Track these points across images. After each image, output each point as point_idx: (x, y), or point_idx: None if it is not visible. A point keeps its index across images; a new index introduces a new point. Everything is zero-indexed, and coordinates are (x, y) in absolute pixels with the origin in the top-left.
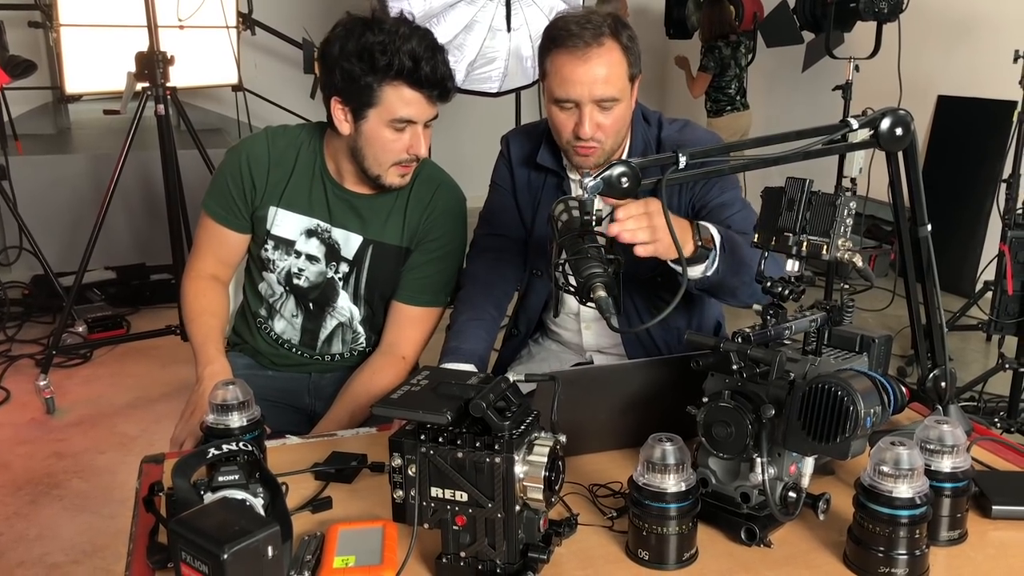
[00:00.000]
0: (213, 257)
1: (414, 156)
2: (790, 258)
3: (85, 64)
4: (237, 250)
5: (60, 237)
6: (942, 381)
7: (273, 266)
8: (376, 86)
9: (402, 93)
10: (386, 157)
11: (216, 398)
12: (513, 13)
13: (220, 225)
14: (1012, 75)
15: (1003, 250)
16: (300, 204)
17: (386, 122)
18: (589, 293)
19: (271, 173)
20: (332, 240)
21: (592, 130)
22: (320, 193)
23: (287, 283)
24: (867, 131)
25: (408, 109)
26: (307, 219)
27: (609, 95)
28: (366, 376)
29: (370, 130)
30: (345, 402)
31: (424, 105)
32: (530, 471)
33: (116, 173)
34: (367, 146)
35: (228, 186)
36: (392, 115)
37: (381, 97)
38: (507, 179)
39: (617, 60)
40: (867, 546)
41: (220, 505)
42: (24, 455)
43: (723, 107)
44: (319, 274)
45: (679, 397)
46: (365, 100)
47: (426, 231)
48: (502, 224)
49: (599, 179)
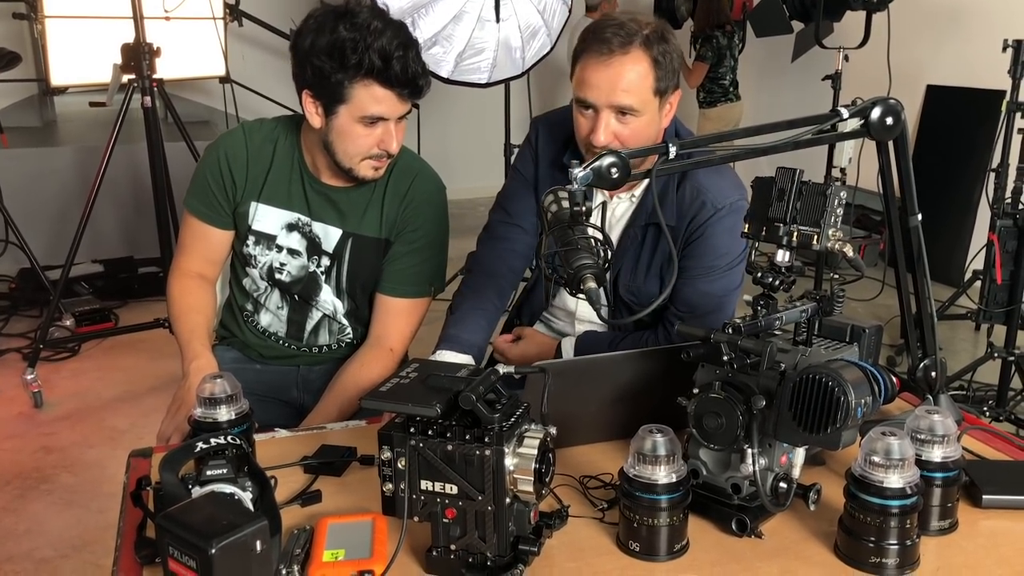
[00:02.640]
0: (198, 255)
1: (385, 151)
2: (780, 248)
3: (70, 56)
4: (222, 247)
5: (47, 230)
6: (932, 371)
7: (255, 261)
8: (346, 83)
9: (373, 91)
10: (357, 152)
11: (204, 391)
12: (502, 4)
13: (204, 223)
14: (1001, 64)
15: (992, 239)
16: (280, 198)
17: (356, 118)
18: (579, 284)
19: (250, 168)
20: (313, 234)
21: (607, 138)
22: (299, 187)
23: (269, 278)
24: (857, 120)
25: (378, 107)
26: (287, 213)
27: (627, 104)
28: (354, 369)
29: (341, 125)
30: (334, 395)
31: (395, 102)
32: (520, 463)
33: (103, 166)
34: (338, 140)
35: (208, 183)
36: (362, 112)
37: (351, 95)
38: (530, 170)
39: (642, 71)
40: (858, 536)
41: (208, 499)
42: (12, 449)
43: (717, 98)
44: (301, 268)
45: (670, 388)
46: (335, 96)
47: (405, 222)
48: (516, 213)
49: (589, 170)
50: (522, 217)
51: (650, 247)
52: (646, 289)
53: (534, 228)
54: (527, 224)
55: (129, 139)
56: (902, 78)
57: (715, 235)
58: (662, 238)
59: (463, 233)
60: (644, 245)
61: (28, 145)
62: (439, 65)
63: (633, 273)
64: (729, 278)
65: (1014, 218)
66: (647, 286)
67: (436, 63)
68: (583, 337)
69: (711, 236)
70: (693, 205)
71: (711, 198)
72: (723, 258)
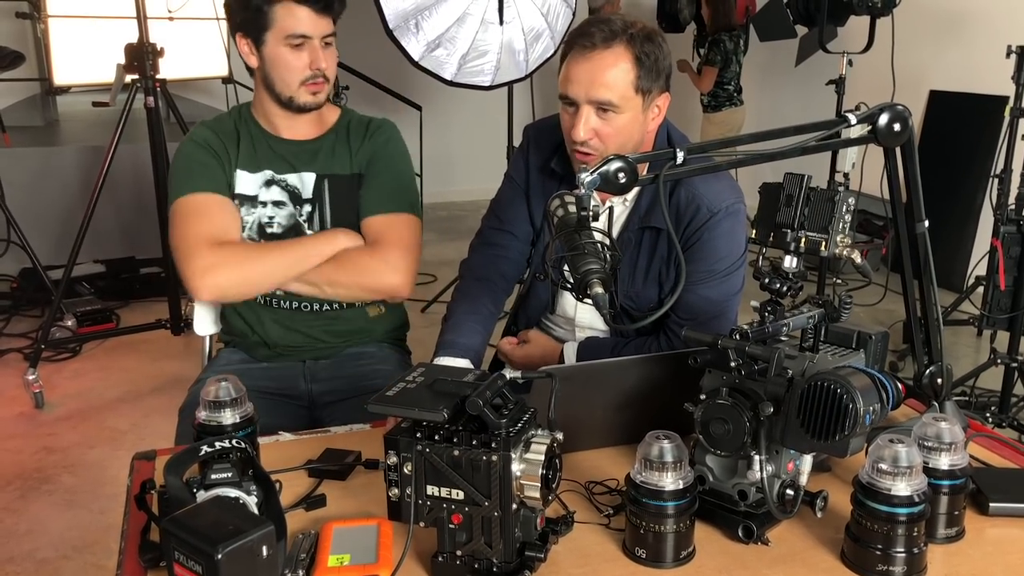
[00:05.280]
0: (218, 223)
1: (318, 71)
2: (788, 254)
3: (74, 56)
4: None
5: (49, 230)
6: (938, 377)
7: (243, 223)
8: (266, 8)
9: (291, 10)
10: (292, 76)
11: (208, 394)
12: (506, 6)
13: (210, 193)
14: (1004, 70)
15: (995, 245)
16: (251, 162)
17: (282, 40)
18: (586, 289)
19: (225, 145)
20: (289, 185)
21: (587, 134)
22: (265, 149)
23: (260, 234)
24: (865, 127)
25: (300, 25)
26: (261, 173)
27: (605, 99)
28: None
29: (271, 53)
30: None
31: (314, 18)
32: (527, 469)
33: (105, 166)
34: (272, 70)
35: (200, 160)
36: (286, 31)
37: (273, 18)
38: (522, 175)
39: (624, 67)
40: (865, 544)
41: (214, 504)
42: (13, 450)
43: (722, 102)
44: (289, 216)
45: (676, 394)
46: (260, 24)
47: (370, 154)
48: (509, 219)
49: (596, 174)
50: (514, 224)
51: (647, 251)
52: (644, 294)
53: (526, 235)
54: (519, 231)
55: (132, 139)
56: (905, 83)
57: (712, 239)
58: (659, 242)
59: (464, 235)
60: (640, 249)
61: (31, 144)
62: (443, 67)
63: (631, 278)
64: (729, 283)
65: (1017, 224)
66: (645, 291)
67: (440, 65)
68: (586, 342)
69: (708, 241)
70: (688, 210)
71: (706, 203)
72: (721, 262)
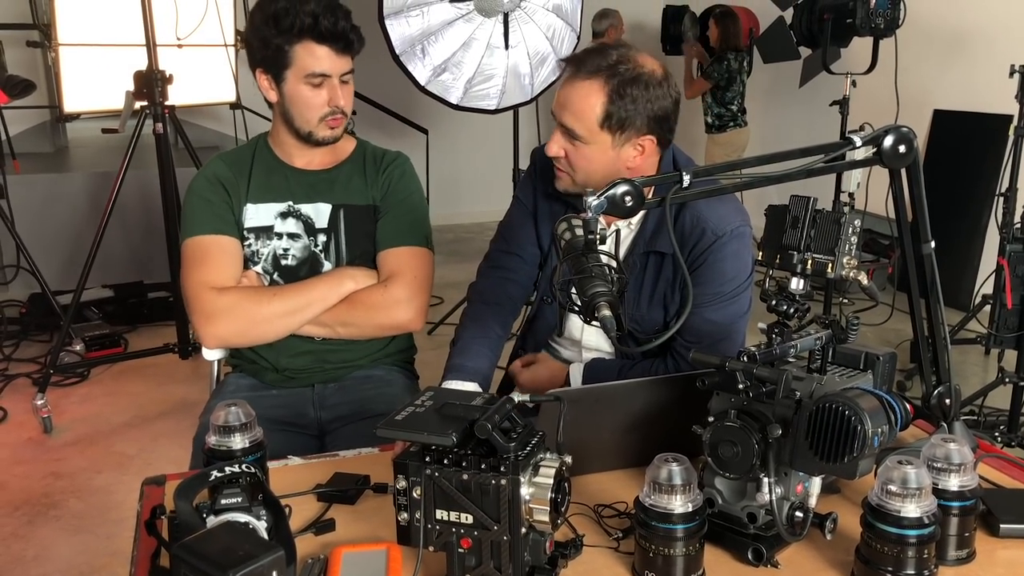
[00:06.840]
0: (225, 267)
1: (337, 107)
2: (795, 276)
3: (83, 83)
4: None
5: (58, 255)
6: (947, 398)
7: (258, 256)
8: (287, 47)
9: (310, 49)
10: (311, 114)
11: (218, 419)
12: (511, 31)
13: (218, 235)
14: (1008, 89)
15: (1001, 264)
16: (266, 193)
17: (302, 79)
18: (594, 312)
19: (237, 178)
20: (304, 216)
21: (555, 150)
22: (280, 179)
23: (275, 266)
24: (870, 148)
25: (320, 64)
26: (276, 204)
27: (568, 125)
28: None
29: (291, 90)
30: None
31: (334, 58)
32: (536, 493)
33: (114, 191)
34: (292, 106)
35: (209, 200)
36: (305, 71)
37: (293, 57)
38: (530, 198)
39: (592, 101)
40: (875, 566)
41: (224, 529)
42: (21, 475)
43: (726, 123)
44: (304, 248)
45: (684, 416)
46: (281, 62)
47: (386, 186)
48: (517, 242)
49: (603, 198)
50: (521, 247)
51: (652, 275)
52: (650, 317)
53: (533, 258)
54: (526, 254)
55: (141, 165)
56: (909, 103)
57: (717, 262)
58: (664, 265)
59: (470, 257)
60: (646, 273)
61: (40, 171)
62: (449, 91)
63: (636, 301)
64: (736, 305)
65: (1023, 242)
66: (651, 314)
67: (446, 89)
68: (592, 364)
69: (713, 264)
70: (693, 234)
71: (711, 226)
72: (727, 285)
